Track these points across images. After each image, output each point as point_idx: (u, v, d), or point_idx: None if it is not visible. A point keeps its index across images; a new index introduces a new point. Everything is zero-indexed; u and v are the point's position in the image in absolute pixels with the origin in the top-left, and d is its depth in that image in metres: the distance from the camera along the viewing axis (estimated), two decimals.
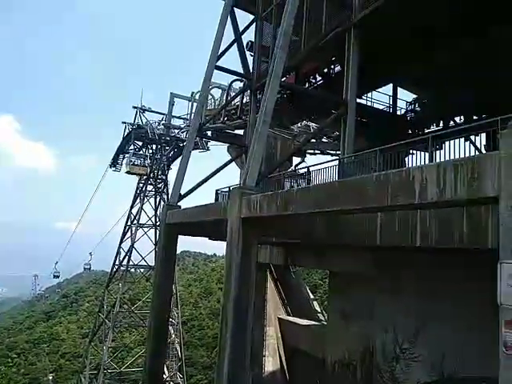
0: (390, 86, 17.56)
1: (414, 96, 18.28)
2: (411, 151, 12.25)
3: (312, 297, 21.40)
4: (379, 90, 17.32)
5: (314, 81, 15.69)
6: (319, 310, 19.68)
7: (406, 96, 18.44)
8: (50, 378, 46.56)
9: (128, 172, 38.23)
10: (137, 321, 35.88)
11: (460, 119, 17.20)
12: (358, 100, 13.97)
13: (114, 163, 41.00)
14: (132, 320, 36.18)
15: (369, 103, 17.05)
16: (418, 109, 18.07)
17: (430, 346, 10.79)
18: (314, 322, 17.87)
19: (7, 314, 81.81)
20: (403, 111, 18.31)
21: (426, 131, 17.34)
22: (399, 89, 17.81)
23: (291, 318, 18.82)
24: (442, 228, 8.32)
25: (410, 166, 9.95)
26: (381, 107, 17.57)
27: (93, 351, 37.21)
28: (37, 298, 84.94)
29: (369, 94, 17.04)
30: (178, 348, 34.88)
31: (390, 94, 17.79)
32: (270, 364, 17.74)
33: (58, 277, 54.08)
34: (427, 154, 9.16)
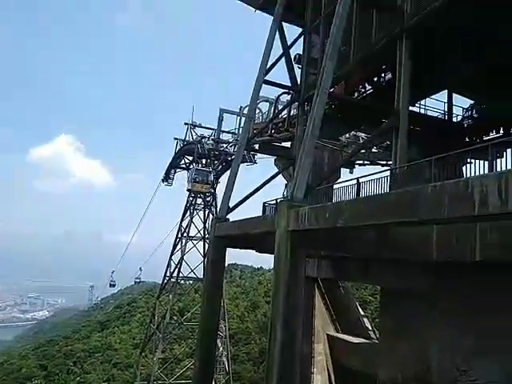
0: (445, 92, 16.85)
1: (471, 102, 17.40)
2: (469, 160, 11.61)
3: (362, 313, 20.62)
4: (433, 96, 16.66)
5: (363, 90, 15.41)
6: (370, 328, 18.89)
7: (462, 102, 17.62)
8: None
9: (189, 190, 37.61)
10: (186, 332, 36.50)
11: None
12: (411, 108, 13.52)
13: (166, 178, 42.71)
14: (181, 332, 36.87)
15: (422, 111, 16.43)
16: (476, 115, 17.16)
17: (492, 367, 9.97)
18: (364, 340, 17.18)
19: (65, 323, 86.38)
20: (460, 118, 17.46)
21: (485, 138, 16.38)
22: (455, 95, 17.04)
23: (341, 335, 18.22)
24: (504, 241, 7.75)
25: (469, 176, 9.39)
26: (435, 115, 16.87)
27: (143, 362, 38.20)
28: (93, 308, 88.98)
29: (422, 102, 16.44)
30: (226, 362, 34.94)
31: (445, 100, 17.07)
32: (319, 381, 17.21)
33: (114, 286, 56.16)
34: (487, 163, 8.63)
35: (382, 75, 14.78)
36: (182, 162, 41.15)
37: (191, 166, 39.92)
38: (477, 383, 10.30)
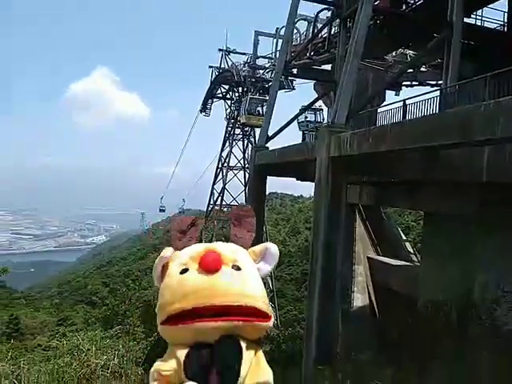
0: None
1: None
2: None
3: (404, 238, 20.80)
4: (491, 5, 14.82)
5: (412, 1, 13.96)
6: (412, 252, 19.13)
7: None
8: None
9: (244, 124, 33.47)
10: None
11: None
12: (465, 19, 12.21)
13: (204, 108, 42.18)
14: None
15: (478, 22, 14.76)
16: None
17: None
18: (405, 263, 17.51)
19: (122, 246, 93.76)
20: None
21: None
22: None
23: (382, 258, 18.64)
24: None
25: None
26: (493, 26, 15.13)
27: None
28: (145, 233, 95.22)
29: (479, 12, 14.71)
30: (270, 281, 37.16)
31: (505, 9, 15.16)
32: (359, 300, 18.05)
33: (163, 211, 56.56)
34: None
35: None
36: (219, 91, 40.28)
37: (228, 95, 39.04)
38: None
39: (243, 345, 0.99)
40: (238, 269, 1.05)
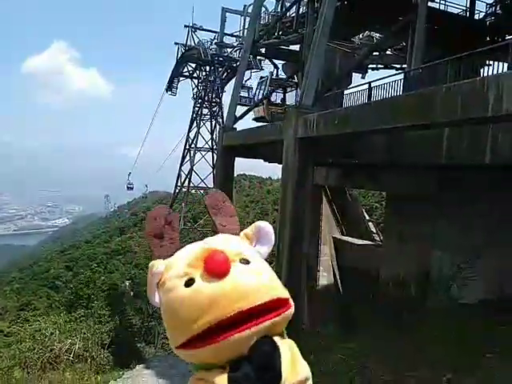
0: None
1: None
2: (489, 62, 11.00)
3: (368, 218, 21.43)
4: None
5: None
6: (375, 231, 19.78)
7: None
8: (127, 284, 52.59)
9: (260, 118, 22.99)
10: (200, 237, 38.41)
11: None
12: (430, 3, 12.43)
13: (170, 87, 40.85)
14: (195, 236, 38.95)
15: (442, 7, 15.10)
16: (500, 11, 15.77)
17: (491, 266, 10.62)
18: (368, 242, 18.11)
19: (85, 229, 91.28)
20: (482, 15, 16.10)
21: (508, 38, 15.27)
22: None
23: (346, 238, 19.17)
24: None
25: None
26: (457, 11, 15.53)
27: None
28: (110, 215, 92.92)
29: None
30: None
31: None
32: (325, 279, 18.56)
33: (131, 188, 52.57)
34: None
35: None
36: (185, 69, 39.09)
37: (195, 74, 38.00)
38: (474, 279, 11.04)
39: (278, 342, 0.89)
40: (247, 262, 0.93)
